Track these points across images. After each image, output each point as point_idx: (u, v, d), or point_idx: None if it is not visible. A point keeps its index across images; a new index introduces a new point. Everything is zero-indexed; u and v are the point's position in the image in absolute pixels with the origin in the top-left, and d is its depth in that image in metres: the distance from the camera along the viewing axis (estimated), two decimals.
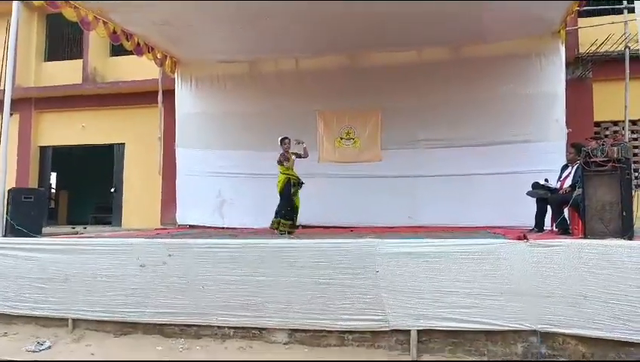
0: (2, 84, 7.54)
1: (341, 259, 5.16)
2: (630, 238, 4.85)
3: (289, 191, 7.89)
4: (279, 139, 8.04)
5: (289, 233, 7.68)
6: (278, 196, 7.92)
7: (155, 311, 5.56)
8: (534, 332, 4.68)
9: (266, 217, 9.87)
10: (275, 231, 7.79)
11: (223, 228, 10.09)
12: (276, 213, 7.91)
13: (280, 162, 7.95)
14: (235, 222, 10.19)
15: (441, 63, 9.74)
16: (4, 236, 6.64)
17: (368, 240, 5.31)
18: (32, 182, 13.06)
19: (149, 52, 9.75)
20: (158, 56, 10.13)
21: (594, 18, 10.04)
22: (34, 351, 5.19)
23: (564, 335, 4.63)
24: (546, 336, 4.67)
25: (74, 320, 5.81)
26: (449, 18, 7.97)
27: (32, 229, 6.77)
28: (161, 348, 5.27)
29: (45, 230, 8.05)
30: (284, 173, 7.94)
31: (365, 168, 9.97)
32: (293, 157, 8.09)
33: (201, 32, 9.04)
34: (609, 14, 9.78)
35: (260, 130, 10.29)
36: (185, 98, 10.92)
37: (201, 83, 10.89)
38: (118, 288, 5.68)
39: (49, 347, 5.33)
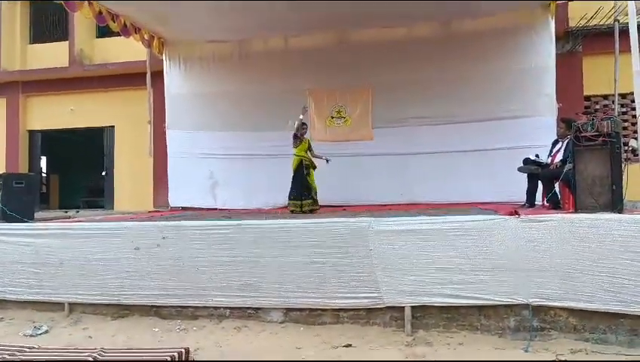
0: None
1: (335, 238, 5.20)
2: (620, 212, 4.91)
3: (301, 173, 8.16)
4: (299, 122, 8.28)
5: (309, 211, 8.07)
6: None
7: (151, 293, 5.59)
8: (526, 306, 4.75)
9: (258, 197, 9.93)
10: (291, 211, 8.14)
11: (216, 209, 10.11)
12: (289, 195, 8.24)
13: (294, 144, 8.24)
14: (227, 203, 10.22)
15: (431, 39, 9.69)
16: None
17: (361, 219, 5.33)
18: (22, 167, 12.96)
19: (135, 33, 9.59)
20: (146, 36, 9.98)
21: None
22: (31, 336, 5.20)
23: (555, 308, 4.71)
24: (537, 310, 4.74)
25: (70, 304, 5.83)
26: None
27: (25, 214, 6.72)
28: (158, 330, 5.30)
29: (37, 215, 8.00)
30: (297, 155, 8.18)
31: (357, 147, 9.98)
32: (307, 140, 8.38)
33: (187, 11, 8.88)
34: None
35: (250, 110, 10.28)
36: (174, 79, 10.81)
37: (190, 63, 10.77)
38: (113, 271, 5.69)
39: (46, 331, 5.34)
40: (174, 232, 5.64)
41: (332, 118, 10.24)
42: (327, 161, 8.51)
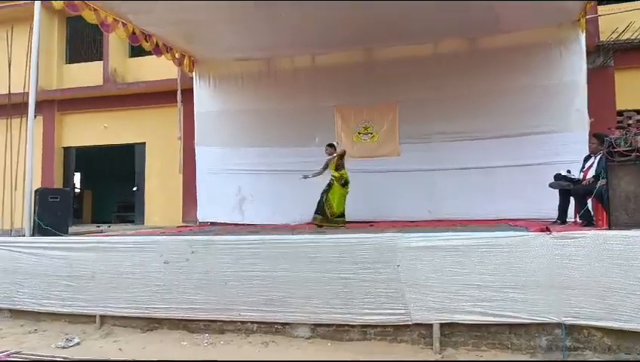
0: (26, 87, 7.69)
1: (362, 254, 5.18)
2: None
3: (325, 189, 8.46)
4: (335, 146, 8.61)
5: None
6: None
7: (180, 306, 5.65)
8: (559, 324, 4.64)
9: (285, 213, 9.97)
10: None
11: (244, 224, 10.18)
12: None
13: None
14: (255, 219, 10.29)
15: (458, 55, 9.67)
16: (32, 236, 6.80)
17: (389, 235, 5.31)
18: (57, 183, 13.33)
19: (167, 52, 9.86)
20: (177, 55, 10.24)
21: (614, 5, 9.86)
22: (63, 347, 5.30)
23: (589, 327, 4.59)
24: (570, 329, 4.63)
25: (101, 316, 5.94)
26: (465, 8, 7.88)
27: (59, 228, 6.92)
28: (186, 343, 5.36)
29: (71, 229, 8.21)
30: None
31: (384, 163, 9.96)
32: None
33: (217, 30, 9.11)
34: (630, 1, 9.60)
35: (278, 126, 10.40)
36: (203, 97, 11.02)
37: (219, 81, 10.97)
38: (144, 285, 5.78)
39: (78, 343, 5.43)
40: (203, 247, 5.72)
41: (359, 134, 10.27)
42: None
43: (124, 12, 8.22)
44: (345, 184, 8.40)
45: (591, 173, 6.50)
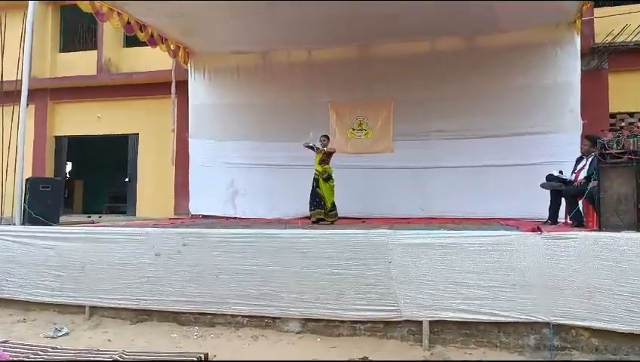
0: (19, 74, 7.61)
1: (354, 250, 5.20)
2: None
3: (312, 185, 8.36)
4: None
5: (316, 221, 8.17)
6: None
7: (170, 299, 5.65)
8: (547, 324, 4.68)
9: (278, 207, 9.96)
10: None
11: (236, 218, 10.17)
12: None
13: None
14: (247, 213, 10.29)
15: (454, 54, 9.68)
16: (23, 224, 6.76)
17: (381, 231, 5.32)
18: (48, 172, 13.22)
19: (162, 43, 9.78)
20: (172, 47, 10.17)
21: (610, 8, 9.90)
22: (52, 337, 5.28)
23: (577, 327, 4.63)
24: (558, 328, 4.67)
25: (91, 307, 5.92)
26: (463, 6, 7.88)
27: (50, 218, 6.88)
28: (176, 336, 5.35)
29: (61, 219, 8.15)
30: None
31: (377, 159, 9.95)
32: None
33: (214, 23, 9.06)
34: (626, 4, 9.64)
35: (272, 121, 10.36)
36: (198, 89, 10.96)
37: (214, 74, 10.92)
38: (134, 276, 5.77)
39: (67, 333, 5.42)
40: (195, 239, 5.71)
41: (353, 130, 10.25)
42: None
43: (120, 2, 8.16)
44: (327, 179, 8.34)
45: (583, 175, 6.55)
